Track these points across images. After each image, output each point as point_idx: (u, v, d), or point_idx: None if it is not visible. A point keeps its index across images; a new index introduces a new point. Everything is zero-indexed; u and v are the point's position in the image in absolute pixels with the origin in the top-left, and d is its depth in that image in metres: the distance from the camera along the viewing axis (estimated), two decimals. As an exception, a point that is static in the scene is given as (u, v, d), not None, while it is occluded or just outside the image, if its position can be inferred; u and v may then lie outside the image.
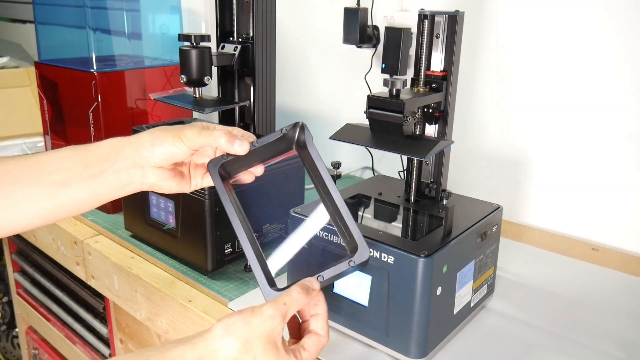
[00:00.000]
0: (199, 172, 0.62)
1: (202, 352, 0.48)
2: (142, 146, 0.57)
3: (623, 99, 0.94)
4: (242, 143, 0.57)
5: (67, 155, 0.57)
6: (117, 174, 0.56)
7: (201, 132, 0.56)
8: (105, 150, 0.57)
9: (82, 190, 0.56)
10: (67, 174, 0.55)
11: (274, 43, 0.95)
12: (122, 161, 0.56)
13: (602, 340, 0.71)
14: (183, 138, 0.56)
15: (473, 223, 0.69)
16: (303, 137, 0.61)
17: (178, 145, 0.56)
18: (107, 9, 1.27)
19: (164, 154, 0.56)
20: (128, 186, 0.58)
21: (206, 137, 0.56)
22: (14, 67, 1.75)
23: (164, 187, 0.60)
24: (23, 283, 1.41)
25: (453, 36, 0.71)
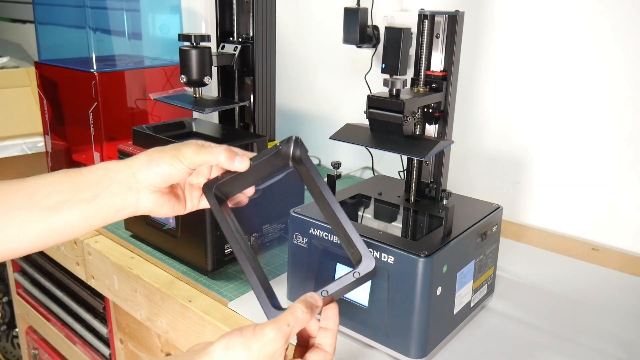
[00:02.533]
0: (195, 193, 0.60)
1: None
2: (137, 169, 0.55)
3: (623, 99, 0.94)
4: (243, 159, 0.56)
5: (59, 179, 0.55)
6: (111, 198, 0.55)
7: (200, 150, 0.55)
8: (99, 174, 0.55)
9: (74, 215, 0.54)
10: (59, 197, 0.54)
11: (274, 43, 0.95)
12: (117, 185, 0.55)
13: (602, 340, 0.71)
14: (181, 157, 0.54)
15: (473, 223, 0.69)
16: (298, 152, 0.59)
17: (176, 166, 0.54)
18: (107, 9, 1.27)
19: (161, 176, 0.55)
20: (122, 211, 0.56)
21: (205, 155, 0.55)
22: (14, 67, 1.75)
23: (159, 212, 0.58)
24: (23, 283, 1.41)
25: (453, 36, 0.71)
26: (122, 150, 0.93)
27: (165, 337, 0.89)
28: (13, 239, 0.53)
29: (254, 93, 0.95)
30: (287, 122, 1.42)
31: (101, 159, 1.17)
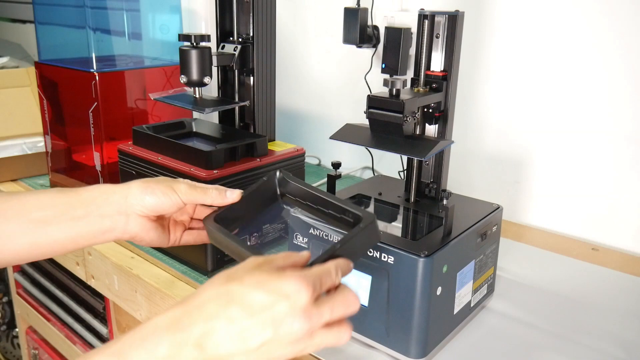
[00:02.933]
0: (179, 228, 0.63)
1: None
2: (131, 194, 0.57)
3: (623, 99, 0.94)
4: (233, 191, 0.59)
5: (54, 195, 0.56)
6: (101, 219, 0.56)
7: (194, 188, 0.58)
8: (94, 194, 0.57)
9: (61, 231, 0.55)
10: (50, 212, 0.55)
11: (274, 43, 0.95)
12: (109, 207, 0.57)
13: (602, 340, 0.71)
14: (176, 190, 0.58)
15: (473, 223, 0.69)
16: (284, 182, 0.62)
17: (170, 196, 0.57)
18: (107, 9, 1.27)
19: (153, 204, 0.57)
20: (110, 233, 0.57)
21: (200, 193, 0.58)
22: (14, 67, 1.75)
23: (144, 239, 0.60)
24: (23, 283, 1.41)
25: (453, 36, 0.71)
26: (122, 150, 0.93)
27: (165, 337, 0.89)
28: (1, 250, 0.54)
29: (254, 93, 0.95)
30: (287, 122, 1.42)
31: (101, 158, 1.17)
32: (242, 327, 0.42)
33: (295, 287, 0.43)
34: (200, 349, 0.41)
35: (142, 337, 0.42)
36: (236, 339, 0.42)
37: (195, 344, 0.41)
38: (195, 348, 0.41)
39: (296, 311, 0.42)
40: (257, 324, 0.42)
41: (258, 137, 0.91)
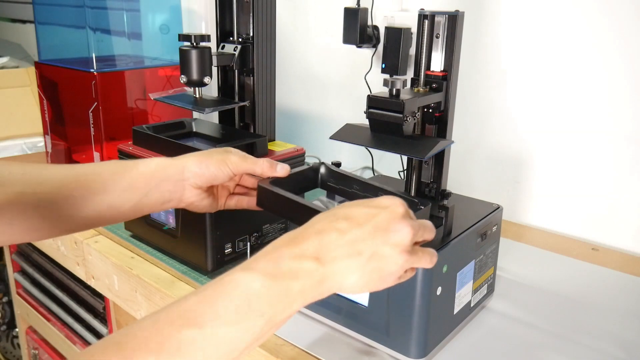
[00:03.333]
0: (224, 193, 0.69)
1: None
2: (186, 168, 0.62)
3: (623, 99, 0.94)
4: (284, 166, 0.65)
5: (113, 168, 0.61)
6: (160, 192, 0.62)
7: (245, 158, 0.63)
8: (152, 168, 0.62)
9: (124, 204, 0.61)
10: (114, 190, 0.60)
11: (274, 43, 0.95)
12: (167, 180, 0.62)
13: (602, 340, 0.71)
14: (228, 163, 0.63)
15: (473, 223, 0.69)
16: (328, 171, 0.70)
17: (222, 169, 0.62)
18: (107, 9, 1.27)
19: (207, 177, 0.62)
20: (168, 203, 0.63)
21: (250, 164, 0.64)
22: (14, 67, 1.75)
23: (198, 207, 0.65)
24: (23, 283, 1.41)
25: (453, 36, 0.71)
26: (122, 150, 0.93)
27: (165, 337, 0.89)
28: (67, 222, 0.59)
29: (254, 93, 0.95)
30: (287, 122, 1.42)
31: (101, 159, 1.17)
32: (352, 236, 0.46)
33: (391, 200, 0.49)
34: (318, 261, 0.45)
35: (264, 253, 0.46)
36: (348, 248, 0.46)
37: (312, 256, 0.45)
38: (314, 260, 0.45)
39: (396, 217, 0.47)
40: (364, 232, 0.46)
41: (258, 137, 0.91)
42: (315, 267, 0.45)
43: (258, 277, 0.44)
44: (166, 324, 0.41)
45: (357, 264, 0.46)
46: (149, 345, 0.40)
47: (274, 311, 0.44)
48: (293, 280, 0.44)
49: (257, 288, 0.44)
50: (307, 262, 0.45)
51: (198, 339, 0.41)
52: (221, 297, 0.43)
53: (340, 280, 0.46)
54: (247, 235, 0.87)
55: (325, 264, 0.45)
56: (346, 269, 0.46)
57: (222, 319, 0.42)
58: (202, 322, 0.41)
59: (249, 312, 0.43)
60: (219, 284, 0.44)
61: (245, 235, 0.87)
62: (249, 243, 0.87)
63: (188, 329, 0.41)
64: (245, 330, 0.43)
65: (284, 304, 0.44)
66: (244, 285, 0.44)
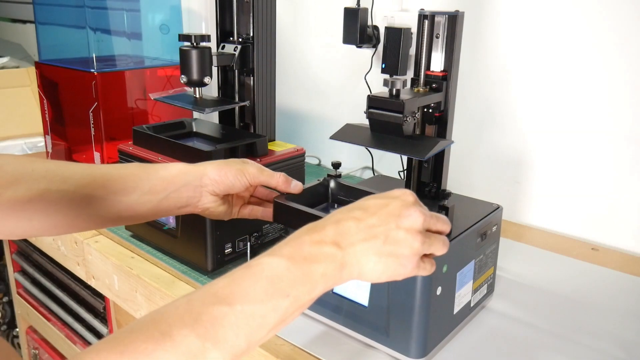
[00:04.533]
0: (239, 202, 0.71)
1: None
2: (205, 175, 0.64)
3: (622, 99, 0.94)
4: (297, 183, 0.68)
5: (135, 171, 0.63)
6: (178, 197, 0.64)
7: (262, 171, 0.66)
8: (172, 173, 0.64)
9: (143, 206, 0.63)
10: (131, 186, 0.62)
11: (274, 43, 0.95)
12: (185, 187, 0.64)
13: (602, 340, 0.71)
14: (246, 173, 0.65)
15: (473, 223, 0.69)
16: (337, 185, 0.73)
17: (240, 179, 0.65)
18: (107, 9, 1.27)
19: (225, 185, 0.65)
20: (185, 208, 0.65)
21: (267, 176, 0.66)
22: (14, 67, 1.75)
23: (213, 213, 0.68)
24: (23, 283, 1.42)
25: (453, 36, 0.71)
26: (122, 150, 0.93)
27: (166, 337, 0.89)
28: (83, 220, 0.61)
29: (254, 93, 0.95)
30: (287, 122, 1.42)
31: (101, 159, 1.17)
32: (367, 223, 0.50)
33: (401, 191, 0.53)
34: (336, 246, 0.49)
35: (286, 241, 0.50)
36: (364, 233, 0.49)
37: (331, 241, 0.49)
38: (333, 245, 0.49)
39: (407, 204, 0.51)
40: (378, 218, 0.50)
41: (258, 137, 0.91)
42: (334, 252, 0.49)
43: (281, 260, 0.47)
44: (199, 302, 0.44)
45: (374, 247, 0.49)
46: (184, 320, 0.43)
47: (297, 292, 0.47)
48: (314, 264, 0.48)
49: (281, 270, 0.47)
50: (326, 247, 0.49)
51: (229, 315, 0.44)
52: (249, 278, 0.46)
53: (359, 265, 0.49)
54: (247, 235, 0.87)
55: (344, 248, 0.49)
56: (364, 253, 0.49)
57: (250, 297, 0.45)
58: (232, 300, 0.44)
59: (275, 292, 0.46)
60: (246, 268, 0.47)
61: (245, 235, 0.87)
62: (249, 243, 0.87)
63: (220, 306, 0.44)
64: (272, 309, 0.46)
65: (306, 286, 0.47)
66: (269, 267, 0.47)
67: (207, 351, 0.42)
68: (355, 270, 0.49)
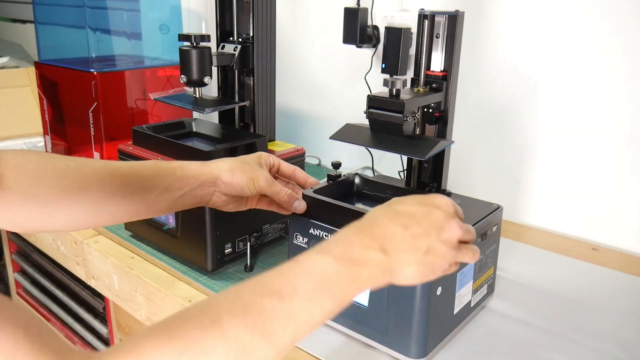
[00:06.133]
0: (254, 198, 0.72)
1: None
2: (219, 179, 0.67)
3: (622, 98, 0.94)
4: (300, 203, 0.69)
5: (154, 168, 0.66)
6: (193, 195, 0.67)
7: (271, 185, 0.68)
8: (188, 174, 0.67)
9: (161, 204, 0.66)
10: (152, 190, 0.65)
11: (274, 43, 0.95)
12: (200, 187, 0.67)
13: (602, 340, 0.71)
14: (256, 185, 0.67)
15: (473, 223, 0.69)
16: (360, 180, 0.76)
17: (250, 188, 0.67)
18: (107, 9, 1.27)
19: (236, 190, 0.68)
20: (198, 204, 0.68)
21: (274, 192, 0.68)
22: (14, 67, 1.75)
23: (224, 208, 0.71)
24: (23, 283, 1.42)
25: (453, 36, 0.71)
26: (122, 150, 0.93)
27: (165, 337, 0.89)
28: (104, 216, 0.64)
29: (254, 93, 0.95)
30: (287, 122, 1.42)
31: (101, 158, 1.17)
32: (412, 232, 0.51)
33: (442, 199, 0.54)
34: (384, 252, 0.50)
35: (336, 240, 0.51)
36: (409, 242, 0.51)
37: (380, 247, 0.50)
38: (380, 251, 0.50)
39: (449, 216, 0.53)
40: (422, 228, 0.51)
41: (258, 137, 0.91)
42: (381, 258, 0.50)
43: (331, 260, 0.48)
44: (248, 293, 0.45)
45: (416, 257, 0.51)
46: (234, 309, 0.43)
47: (343, 293, 0.48)
48: (362, 267, 0.49)
49: (330, 270, 0.48)
50: (374, 253, 0.50)
51: (278, 308, 0.44)
52: (299, 274, 0.47)
53: (399, 271, 0.51)
54: (247, 235, 0.87)
55: (390, 254, 0.50)
56: (405, 262, 0.51)
57: (299, 294, 0.46)
58: (281, 294, 0.45)
59: (323, 291, 0.47)
60: (296, 263, 0.48)
61: (245, 235, 0.87)
62: (249, 243, 0.87)
63: (269, 298, 0.45)
64: (319, 307, 0.47)
65: (352, 288, 0.49)
66: (318, 266, 0.48)
67: (255, 342, 0.43)
68: (395, 275, 0.51)
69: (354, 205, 0.71)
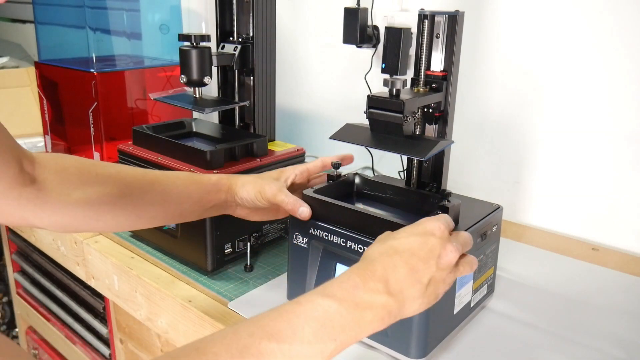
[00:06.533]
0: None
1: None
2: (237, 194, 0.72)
3: (623, 98, 0.94)
4: (304, 210, 0.69)
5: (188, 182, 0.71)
6: (219, 208, 0.73)
7: (277, 194, 0.70)
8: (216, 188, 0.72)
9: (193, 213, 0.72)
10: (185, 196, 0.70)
11: (274, 43, 0.95)
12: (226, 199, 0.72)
13: (602, 340, 0.71)
14: (263, 194, 0.71)
15: (473, 223, 0.69)
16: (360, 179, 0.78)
17: (259, 199, 0.71)
18: (107, 9, 1.27)
19: (249, 202, 0.72)
20: (224, 212, 0.74)
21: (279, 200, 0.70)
22: (14, 67, 1.75)
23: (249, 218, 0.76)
24: (23, 283, 1.41)
25: (453, 36, 0.71)
26: (122, 150, 0.93)
27: (165, 337, 0.89)
28: (142, 222, 0.70)
29: (254, 93, 0.95)
30: (287, 122, 1.42)
31: (101, 159, 1.17)
32: (413, 267, 0.51)
33: (433, 223, 0.55)
34: (389, 294, 0.49)
35: (339, 282, 0.50)
36: (411, 278, 0.51)
37: (385, 290, 0.49)
38: (386, 293, 0.49)
39: (444, 241, 0.53)
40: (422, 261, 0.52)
41: (258, 137, 0.91)
42: (387, 300, 0.49)
43: (334, 303, 0.47)
44: (246, 334, 0.44)
45: (419, 291, 0.51)
46: (230, 351, 0.42)
47: (345, 337, 0.47)
48: (367, 311, 0.48)
49: (331, 313, 0.47)
50: (379, 296, 0.49)
51: (276, 352, 0.44)
52: (300, 317, 0.46)
53: (404, 308, 0.51)
54: (247, 235, 0.87)
55: (395, 296, 0.50)
56: (410, 298, 0.51)
57: (299, 337, 0.45)
58: (280, 337, 0.44)
59: (323, 335, 0.46)
60: (297, 304, 0.47)
61: (245, 235, 0.87)
62: (249, 243, 0.87)
63: (267, 342, 0.44)
64: (319, 351, 0.46)
65: (354, 332, 0.48)
66: (321, 309, 0.47)
67: None
68: (400, 313, 0.51)
69: (354, 205, 0.71)
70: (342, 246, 0.67)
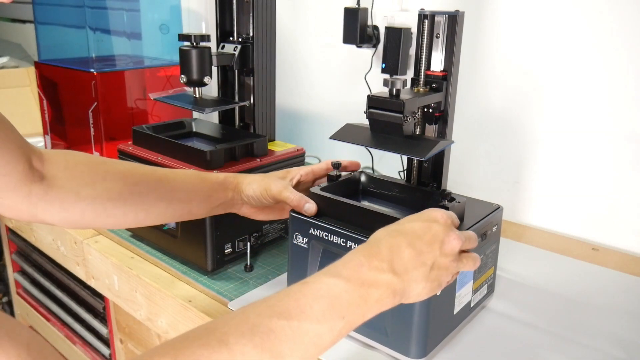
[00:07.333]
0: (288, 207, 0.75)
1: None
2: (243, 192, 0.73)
3: (623, 98, 0.94)
4: (310, 206, 0.69)
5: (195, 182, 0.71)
6: (226, 206, 0.73)
7: (281, 192, 0.70)
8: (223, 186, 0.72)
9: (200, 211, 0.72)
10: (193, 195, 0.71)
11: (274, 43, 0.95)
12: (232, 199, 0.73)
13: (602, 340, 0.71)
14: (268, 192, 0.71)
15: (473, 223, 0.69)
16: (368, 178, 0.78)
17: (265, 197, 0.71)
18: (107, 9, 1.27)
19: (255, 200, 0.72)
20: (230, 210, 0.75)
21: (284, 196, 0.70)
22: (14, 67, 1.75)
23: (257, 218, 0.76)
24: (23, 283, 1.42)
25: (453, 36, 0.71)
26: (122, 150, 0.93)
27: (165, 337, 0.89)
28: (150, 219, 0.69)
29: (254, 93, 0.95)
30: (287, 122, 1.42)
31: (101, 159, 1.17)
32: (418, 249, 0.52)
33: (438, 212, 0.56)
34: (393, 273, 0.50)
35: (344, 262, 0.51)
36: (416, 260, 0.51)
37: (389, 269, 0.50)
38: (390, 272, 0.50)
39: (447, 228, 0.54)
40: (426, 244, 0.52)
41: (258, 137, 0.91)
42: (391, 279, 0.50)
43: (341, 282, 0.48)
44: (255, 314, 0.45)
45: (423, 274, 0.52)
46: (241, 329, 0.43)
47: (352, 315, 0.48)
48: (373, 289, 0.49)
49: (340, 292, 0.48)
50: (384, 274, 0.50)
51: (286, 329, 0.44)
52: (307, 296, 0.47)
53: (409, 290, 0.52)
54: (247, 235, 0.87)
55: (399, 275, 0.51)
56: (415, 280, 0.52)
57: (308, 315, 0.46)
58: (289, 315, 0.45)
59: (333, 312, 0.47)
60: (304, 284, 0.48)
61: (245, 235, 0.87)
62: (249, 243, 0.87)
63: (277, 319, 0.44)
64: (328, 329, 0.46)
65: (362, 310, 0.49)
66: (327, 288, 0.48)
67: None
68: (405, 295, 0.52)
69: (360, 203, 0.71)
70: (342, 246, 0.67)
